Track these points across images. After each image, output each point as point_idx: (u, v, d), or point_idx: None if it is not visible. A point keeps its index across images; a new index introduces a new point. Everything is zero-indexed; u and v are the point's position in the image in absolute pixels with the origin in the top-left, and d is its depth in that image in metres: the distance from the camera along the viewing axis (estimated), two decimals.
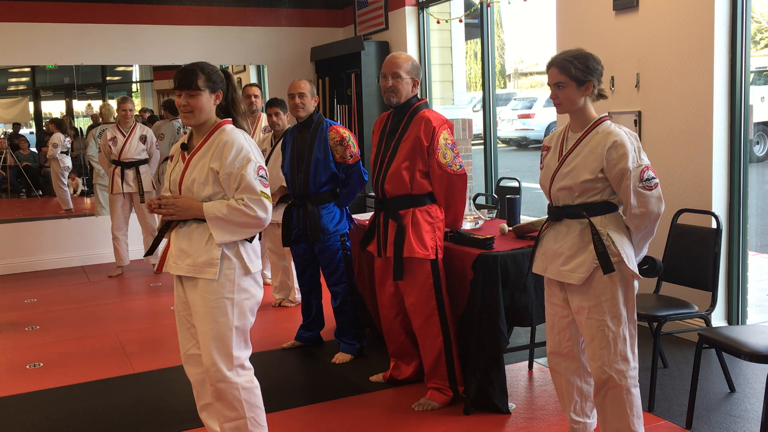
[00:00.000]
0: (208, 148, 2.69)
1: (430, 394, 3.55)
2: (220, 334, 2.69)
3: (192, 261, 2.69)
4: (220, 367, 2.69)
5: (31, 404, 3.84)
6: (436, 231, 3.47)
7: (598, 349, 2.69)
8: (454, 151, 3.42)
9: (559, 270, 2.74)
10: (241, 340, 2.75)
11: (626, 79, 4.64)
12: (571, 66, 2.64)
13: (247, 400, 2.75)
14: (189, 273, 2.70)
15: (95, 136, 7.60)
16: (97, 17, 7.25)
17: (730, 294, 4.31)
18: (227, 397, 2.72)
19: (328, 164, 4.12)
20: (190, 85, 2.65)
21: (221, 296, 2.68)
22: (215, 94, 2.71)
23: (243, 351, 2.76)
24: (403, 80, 3.45)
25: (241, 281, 2.71)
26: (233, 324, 2.70)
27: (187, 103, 2.66)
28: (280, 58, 7.96)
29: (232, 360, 2.71)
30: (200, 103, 2.67)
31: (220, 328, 2.69)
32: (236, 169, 2.63)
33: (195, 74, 2.66)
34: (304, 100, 4.16)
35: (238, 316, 2.71)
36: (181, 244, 2.73)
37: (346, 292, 4.26)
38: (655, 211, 2.62)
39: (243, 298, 2.72)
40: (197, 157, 2.70)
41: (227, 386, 2.71)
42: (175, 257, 2.75)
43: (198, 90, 2.66)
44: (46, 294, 6.30)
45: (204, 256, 2.67)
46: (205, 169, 2.67)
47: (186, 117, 2.70)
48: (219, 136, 2.71)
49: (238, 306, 2.71)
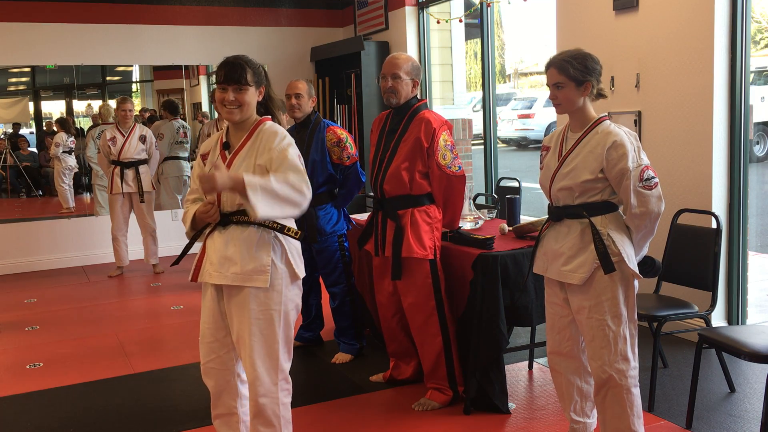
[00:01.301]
0: (252, 146, 2.60)
1: (430, 394, 3.55)
2: (267, 347, 2.59)
3: (239, 269, 2.55)
4: (265, 381, 2.59)
5: (31, 404, 3.84)
6: (435, 231, 3.47)
7: (599, 349, 2.69)
8: (453, 153, 3.43)
9: (560, 270, 2.74)
10: (286, 351, 2.65)
11: (626, 79, 4.64)
12: (570, 66, 2.64)
13: (284, 416, 2.66)
14: (236, 282, 2.56)
15: (94, 137, 7.60)
16: (97, 17, 7.25)
17: (730, 294, 4.31)
18: (267, 413, 2.62)
19: (326, 165, 4.11)
20: (240, 80, 2.57)
21: (269, 308, 2.58)
22: (259, 89, 2.65)
23: (287, 362, 2.67)
24: (403, 81, 3.45)
25: (289, 291, 2.62)
26: (280, 336, 2.61)
27: (236, 98, 2.57)
28: (280, 58, 7.96)
29: (278, 372, 2.62)
30: (248, 99, 2.59)
31: (267, 341, 2.58)
32: (278, 151, 2.51)
33: (244, 69, 2.58)
34: (301, 101, 4.14)
35: (284, 327, 2.62)
36: (224, 251, 2.58)
37: (344, 293, 4.26)
38: (655, 211, 2.61)
39: (290, 308, 2.64)
40: (241, 156, 2.60)
41: (270, 401, 2.61)
42: (217, 265, 2.59)
43: (247, 85, 2.58)
44: (46, 294, 6.30)
45: (253, 263, 2.54)
46: (250, 167, 2.56)
47: (232, 113, 2.58)
48: (262, 132, 2.61)
49: (285, 317, 2.62)
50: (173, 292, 6.15)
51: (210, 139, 2.78)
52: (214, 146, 2.73)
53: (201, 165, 2.74)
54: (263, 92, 2.68)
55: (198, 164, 2.77)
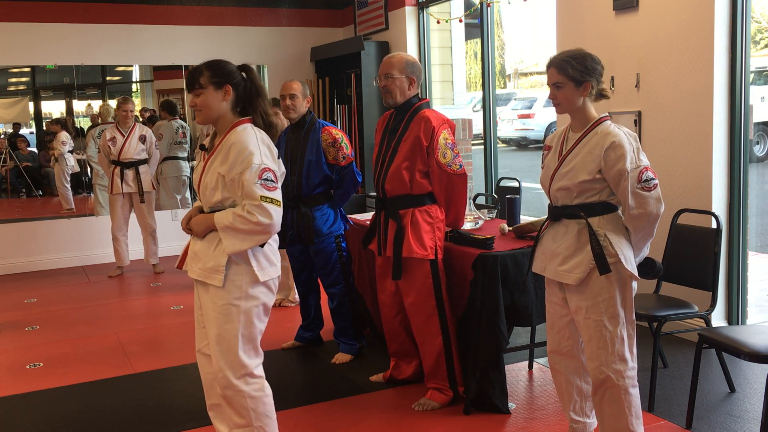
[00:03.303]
0: (220, 151, 2.64)
1: (430, 394, 3.55)
2: (226, 341, 2.63)
3: (202, 265, 2.66)
4: (227, 373, 2.64)
5: (31, 404, 3.84)
6: (436, 231, 3.47)
7: (596, 349, 2.69)
8: (454, 151, 3.42)
9: (556, 270, 2.74)
10: (250, 348, 2.68)
11: (626, 79, 4.64)
12: (569, 66, 2.64)
13: (254, 409, 2.67)
14: (199, 277, 2.68)
15: (94, 137, 7.61)
16: (97, 17, 7.25)
17: (730, 294, 4.31)
18: (234, 405, 2.67)
19: (321, 166, 4.10)
20: (193, 84, 2.64)
21: (227, 302, 2.62)
22: (222, 89, 2.63)
23: (252, 359, 2.68)
24: (397, 80, 3.45)
25: (249, 288, 2.64)
26: (239, 331, 2.64)
27: (194, 102, 2.64)
28: (280, 58, 7.96)
29: (239, 368, 2.65)
30: (206, 101, 2.62)
31: (226, 335, 2.63)
32: (237, 174, 2.54)
33: (198, 72, 2.63)
34: (296, 102, 4.13)
35: (245, 323, 2.64)
36: (194, 247, 2.72)
37: (342, 294, 4.25)
38: (654, 212, 2.61)
39: (251, 305, 2.65)
40: (211, 160, 2.65)
41: (234, 393, 2.66)
42: (190, 259, 2.75)
43: (200, 88, 2.62)
44: (46, 294, 6.30)
45: (212, 262, 2.62)
46: (215, 173, 2.61)
47: (197, 116, 2.67)
48: (230, 137, 2.64)
49: (245, 313, 2.64)
50: (173, 292, 6.15)
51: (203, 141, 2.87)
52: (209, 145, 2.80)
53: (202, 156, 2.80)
54: (230, 92, 2.65)
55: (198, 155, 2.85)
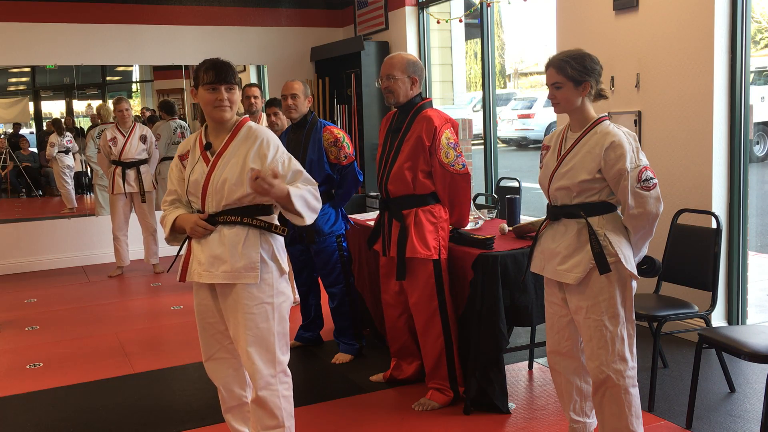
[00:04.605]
0: (238, 147, 2.62)
1: (431, 394, 3.55)
2: (263, 340, 2.62)
3: (229, 267, 2.59)
4: (265, 374, 2.63)
5: (31, 404, 3.84)
6: (440, 231, 3.46)
7: (596, 349, 2.69)
8: (456, 151, 3.41)
9: (555, 269, 2.74)
10: (284, 344, 2.69)
11: (626, 79, 4.64)
12: (568, 66, 2.64)
13: (286, 408, 2.69)
14: (226, 280, 2.60)
15: (94, 137, 7.60)
16: (97, 17, 7.25)
17: (730, 294, 4.31)
18: (269, 406, 2.66)
19: (323, 165, 4.10)
20: (231, 80, 2.60)
21: (261, 301, 2.61)
22: (241, 90, 2.70)
23: (285, 355, 2.70)
24: (398, 80, 3.45)
25: (279, 284, 2.66)
26: (275, 329, 2.64)
27: (227, 97, 2.60)
28: (280, 58, 7.96)
29: (276, 365, 2.65)
30: (236, 98, 2.64)
31: (262, 334, 2.62)
32: (285, 165, 2.61)
33: (232, 68, 2.62)
34: (297, 101, 4.13)
35: (279, 320, 2.66)
36: (213, 251, 2.62)
37: (343, 293, 4.26)
38: (653, 212, 2.61)
39: (281, 301, 2.67)
40: (225, 157, 2.62)
41: (270, 394, 2.65)
42: (206, 265, 2.63)
43: (235, 84, 2.62)
44: (46, 294, 6.30)
45: (242, 261, 2.59)
46: (237, 168, 2.59)
47: (225, 112, 2.61)
48: (249, 134, 2.63)
49: (278, 310, 2.66)
50: (173, 292, 6.15)
51: (187, 140, 2.78)
52: (193, 147, 2.73)
53: (180, 166, 2.75)
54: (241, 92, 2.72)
55: (176, 165, 2.78)
